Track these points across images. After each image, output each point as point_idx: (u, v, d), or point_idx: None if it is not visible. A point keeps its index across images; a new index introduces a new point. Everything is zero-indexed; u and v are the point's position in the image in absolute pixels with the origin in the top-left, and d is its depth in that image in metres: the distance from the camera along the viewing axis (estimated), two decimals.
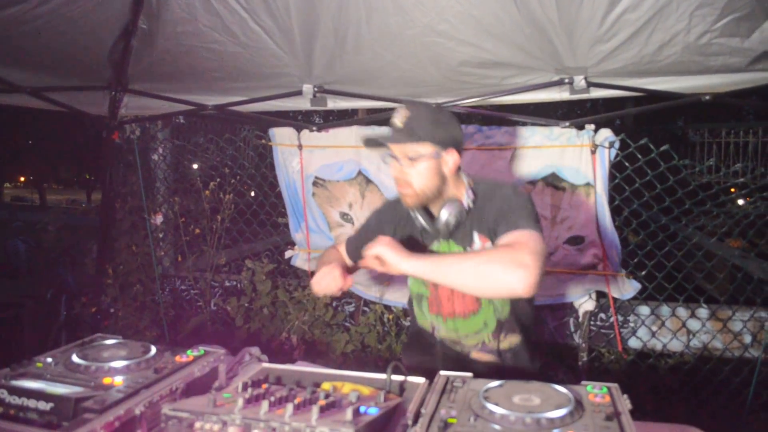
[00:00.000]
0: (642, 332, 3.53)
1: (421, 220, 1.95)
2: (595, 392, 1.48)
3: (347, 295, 4.12)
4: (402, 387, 1.62)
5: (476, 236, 1.95)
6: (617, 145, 3.15)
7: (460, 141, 1.94)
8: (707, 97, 2.97)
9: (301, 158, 3.68)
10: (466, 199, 1.94)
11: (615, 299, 3.37)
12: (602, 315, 3.53)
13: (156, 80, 3.65)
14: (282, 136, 3.72)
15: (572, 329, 3.59)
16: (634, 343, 3.54)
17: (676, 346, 3.49)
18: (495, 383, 1.51)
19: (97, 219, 4.22)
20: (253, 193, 4.26)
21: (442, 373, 1.64)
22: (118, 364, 1.59)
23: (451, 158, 1.90)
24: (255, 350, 2.17)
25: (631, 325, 3.54)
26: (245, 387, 1.47)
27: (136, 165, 4.10)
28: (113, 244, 4.32)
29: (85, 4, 2.83)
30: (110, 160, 4.07)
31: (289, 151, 3.71)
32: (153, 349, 1.71)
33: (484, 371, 1.86)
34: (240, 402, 1.31)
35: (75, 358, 1.61)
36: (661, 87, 3.03)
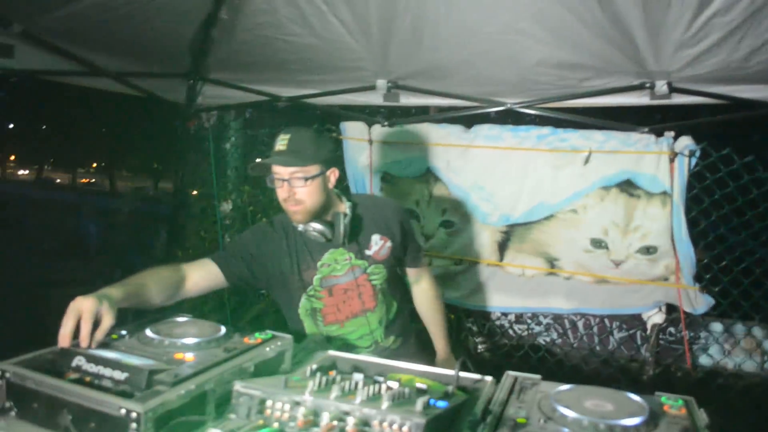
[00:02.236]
0: (714, 350, 3.40)
1: (316, 233, 2.13)
2: (670, 404, 1.43)
3: None
4: (468, 384, 1.60)
5: (376, 238, 2.25)
6: (698, 153, 3.04)
7: (337, 159, 2.18)
8: None
9: (370, 153, 3.69)
10: (348, 210, 2.19)
11: (686, 314, 3.24)
12: (672, 329, 3.41)
13: (233, 70, 3.72)
14: (353, 130, 3.74)
15: (639, 342, 3.48)
16: (704, 360, 3.41)
17: (749, 366, 3.34)
18: (566, 386, 1.48)
19: (167, 205, 4.33)
20: None
21: (510, 372, 1.62)
22: (190, 340, 1.62)
23: (333, 176, 2.15)
24: (320, 337, 2.19)
25: (702, 341, 3.41)
26: (314, 372, 1.48)
27: (209, 153, 4.18)
28: (182, 229, 4.43)
29: None
30: (184, 147, 4.19)
31: (358, 146, 3.72)
32: (223, 329, 1.74)
33: None
34: (311, 385, 1.32)
35: (149, 333, 1.64)
36: (748, 95, 2.91)
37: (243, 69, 3.68)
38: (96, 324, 1.54)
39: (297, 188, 2.05)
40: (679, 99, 3.03)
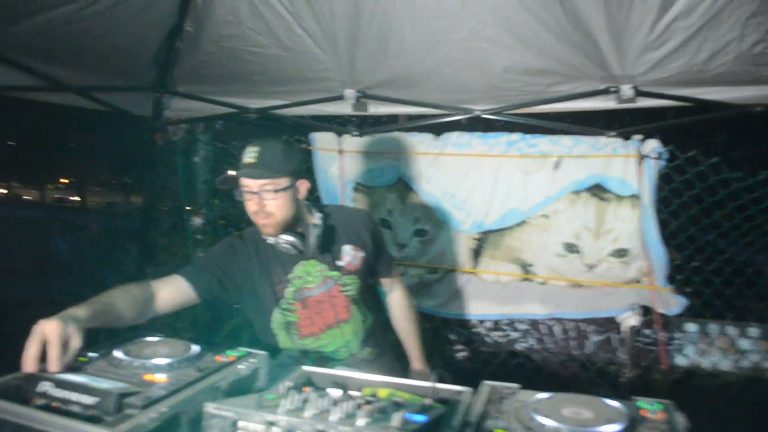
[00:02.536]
0: (689, 350, 3.41)
1: (287, 245, 2.11)
2: (648, 408, 1.42)
3: None
4: (445, 396, 1.58)
5: (348, 248, 2.23)
6: (665, 156, 3.07)
7: (306, 170, 2.15)
8: (759, 108, 2.88)
9: (341, 163, 3.66)
10: (319, 221, 2.17)
11: (661, 315, 3.26)
12: (647, 331, 3.42)
13: (200, 82, 3.68)
14: (323, 140, 3.71)
15: (615, 345, 3.49)
16: (680, 361, 3.42)
17: (725, 365, 3.36)
18: (544, 395, 1.46)
19: (137, 220, 4.26)
20: None
21: (487, 382, 1.60)
22: (161, 361, 1.58)
23: (303, 187, 2.13)
24: (294, 353, 2.15)
25: (678, 342, 3.42)
26: (288, 389, 1.45)
27: (177, 167, 4.13)
28: (153, 245, 4.36)
29: (133, 6, 2.86)
30: (152, 161, 4.13)
31: (328, 156, 3.70)
32: (195, 348, 1.71)
33: None
34: (284, 404, 1.29)
35: (118, 354, 1.60)
36: (711, 97, 2.94)
37: (210, 81, 3.64)
38: (63, 347, 1.50)
39: (267, 201, 2.03)
40: (644, 102, 3.05)
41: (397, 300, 2.48)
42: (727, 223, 3.24)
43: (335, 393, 1.42)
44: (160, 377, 1.49)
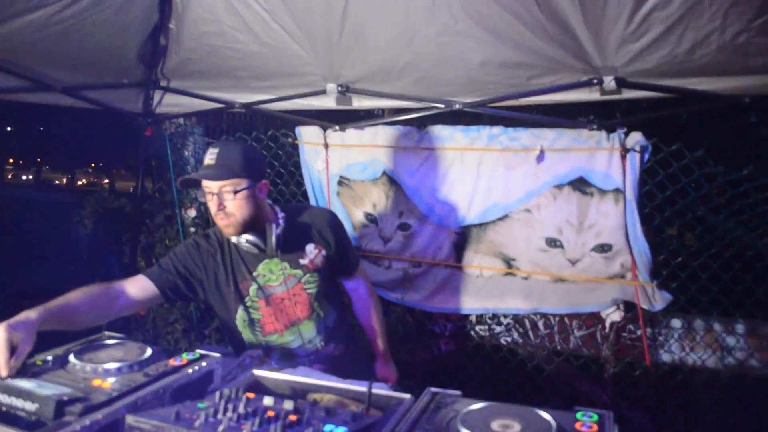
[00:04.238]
0: (674, 346, 3.35)
1: (249, 244, 2.18)
2: (584, 420, 1.40)
3: None
4: (387, 403, 1.57)
5: (311, 247, 2.30)
6: (649, 149, 3.00)
7: (266, 171, 2.30)
8: (747, 100, 2.80)
9: (326, 157, 3.65)
10: (281, 221, 2.25)
11: (645, 311, 3.20)
12: (631, 327, 3.37)
13: (186, 78, 3.71)
14: (308, 134, 3.70)
15: (600, 340, 3.44)
16: (665, 357, 3.36)
17: (710, 362, 3.29)
18: (479, 405, 1.45)
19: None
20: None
21: (432, 389, 1.60)
22: (110, 366, 1.61)
23: (264, 188, 2.20)
24: (257, 353, 2.16)
25: (662, 338, 3.36)
26: (223, 397, 1.46)
27: (169, 161, 4.17)
28: (149, 238, 4.43)
29: (108, 9, 2.89)
30: (145, 155, 4.18)
31: (314, 150, 3.69)
32: (148, 351, 1.74)
33: None
34: (202, 416, 1.31)
35: (71, 358, 1.64)
36: (696, 87, 2.86)
37: (197, 77, 3.67)
38: (12, 351, 1.53)
39: (226, 201, 2.09)
40: (629, 94, 2.98)
41: (362, 297, 2.52)
42: (714, 218, 3.14)
43: (268, 401, 1.43)
44: (108, 382, 1.52)
